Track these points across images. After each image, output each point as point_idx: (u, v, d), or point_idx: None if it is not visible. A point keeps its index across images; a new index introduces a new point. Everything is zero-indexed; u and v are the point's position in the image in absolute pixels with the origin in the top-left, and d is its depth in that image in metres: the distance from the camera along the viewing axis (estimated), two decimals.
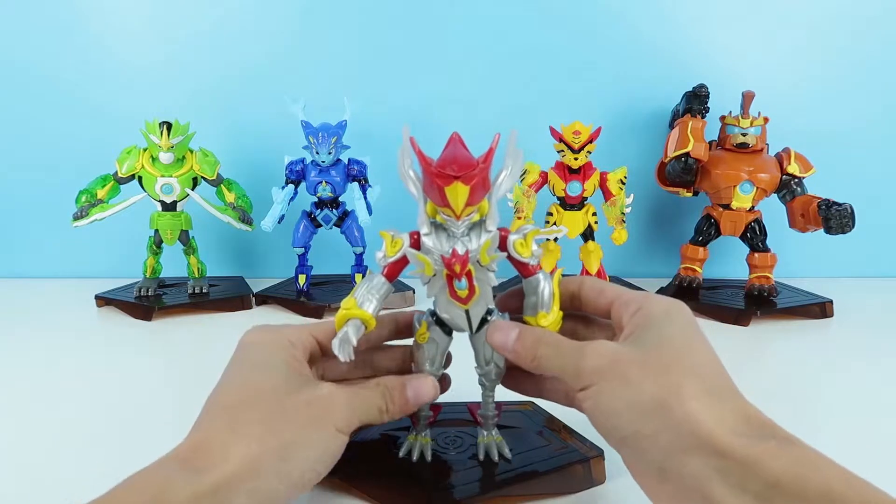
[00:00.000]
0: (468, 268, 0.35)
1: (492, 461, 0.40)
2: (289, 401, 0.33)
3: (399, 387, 0.37)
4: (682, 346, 0.32)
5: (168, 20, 0.90)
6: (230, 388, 0.35)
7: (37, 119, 0.93)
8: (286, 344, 0.37)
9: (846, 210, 0.71)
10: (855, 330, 0.72)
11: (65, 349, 0.67)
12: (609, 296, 0.37)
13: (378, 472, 0.39)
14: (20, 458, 0.44)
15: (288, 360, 0.36)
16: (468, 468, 0.39)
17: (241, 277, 0.92)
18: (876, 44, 0.89)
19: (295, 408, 0.33)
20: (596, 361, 0.32)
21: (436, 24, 0.90)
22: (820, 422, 0.49)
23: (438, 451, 0.41)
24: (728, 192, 0.78)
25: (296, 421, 0.33)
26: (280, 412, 0.33)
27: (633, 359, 0.31)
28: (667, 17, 0.89)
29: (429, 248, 0.36)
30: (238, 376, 0.35)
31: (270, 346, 0.36)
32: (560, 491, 0.39)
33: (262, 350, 0.36)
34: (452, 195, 0.33)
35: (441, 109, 0.91)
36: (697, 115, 0.81)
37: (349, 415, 0.35)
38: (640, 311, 0.34)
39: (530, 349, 0.35)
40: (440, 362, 0.40)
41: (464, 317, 0.38)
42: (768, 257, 0.80)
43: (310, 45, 0.90)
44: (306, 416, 0.33)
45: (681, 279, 0.83)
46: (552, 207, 0.81)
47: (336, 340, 0.35)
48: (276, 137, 0.90)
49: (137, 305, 0.78)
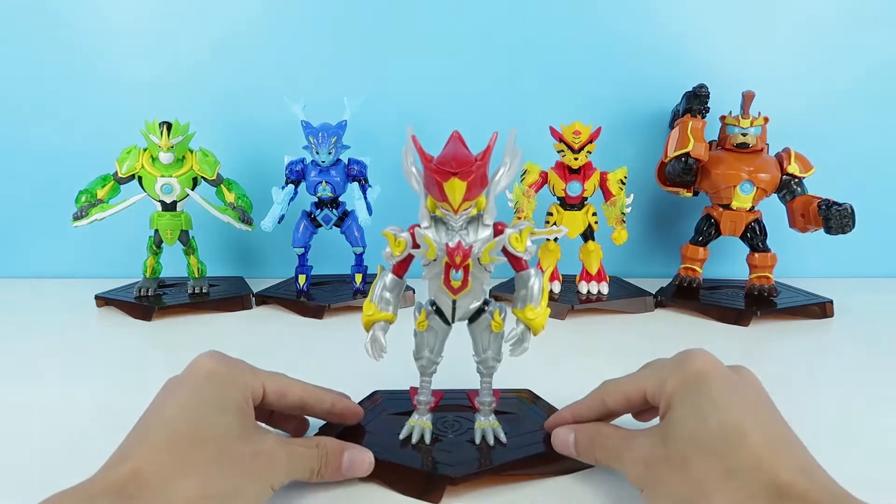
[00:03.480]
0: (468, 262, 0.37)
1: (488, 445, 0.42)
2: (237, 449, 0.33)
3: (337, 454, 0.38)
4: (696, 430, 0.32)
5: (168, 20, 0.90)
6: (180, 421, 0.33)
7: (36, 119, 0.93)
8: (241, 385, 0.37)
9: (846, 210, 0.71)
10: (855, 330, 0.72)
11: (64, 349, 0.67)
12: (633, 396, 0.38)
13: (381, 453, 0.40)
14: (19, 458, 0.44)
15: (241, 403, 0.36)
16: (465, 450, 0.41)
17: (241, 277, 0.92)
18: (875, 44, 0.89)
19: (241, 457, 0.33)
20: (635, 471, 0.34)
21: (436, 25, 0.90)
22: (820, 421, 0.49)
23: (438, 435, 0.43)
24: (728, 192, 0.78)
25: (240, 471, 0.33)
26: (228, 460, 0.33)
27: (661, 456, 0.33)
28: (667, 17, 0.89)
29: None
30: (191, 411, 0.34)
31: (226, 384, 0.36)
32: (551, 472, 0.41)
33: (217, 386, 0.36)
34: (450, 190, 0.35)
35: (441, 109, 0.91)
36: (697, 115, 0.81)
37: (286, 472, 0.35)
38: (660, 397, 0.35)
39: (589, 454, 0.38)
40: (438, 350, 0.42)
41: (450, 306, 0.40)
42: (768, 257, 0.80)
43: (310, 45, 0.91)
44: (250, 468, 0.33)
45: (681, 279, 0.83)
46: (552, 207, 0.81)
47: (367, 343, 0.39)
48: (276, 137, 0.90)
49: (137, 305, 0.78)
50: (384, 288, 0.40)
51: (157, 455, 0.31)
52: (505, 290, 0.83)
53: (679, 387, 0.34)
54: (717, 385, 0.33)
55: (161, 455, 0.31)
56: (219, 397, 0.35)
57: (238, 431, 0.34)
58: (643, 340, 0.69)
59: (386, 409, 0.47)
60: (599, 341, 0.69)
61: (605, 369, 0.60)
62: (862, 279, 0.93)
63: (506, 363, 0.43)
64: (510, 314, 0.41)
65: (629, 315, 0.78)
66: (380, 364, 0.42)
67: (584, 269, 0.81)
